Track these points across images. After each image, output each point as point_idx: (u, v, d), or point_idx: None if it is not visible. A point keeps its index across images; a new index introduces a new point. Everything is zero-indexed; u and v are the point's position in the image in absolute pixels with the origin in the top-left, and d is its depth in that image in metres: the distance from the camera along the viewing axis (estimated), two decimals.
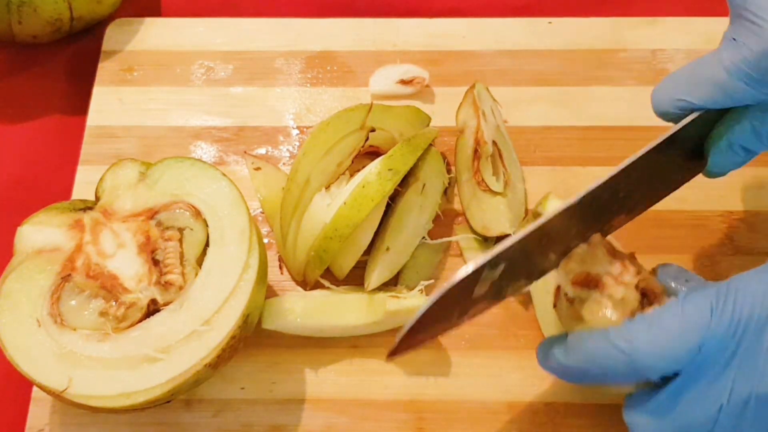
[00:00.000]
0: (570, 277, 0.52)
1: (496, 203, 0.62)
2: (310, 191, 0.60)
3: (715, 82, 0.50)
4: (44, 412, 0.58)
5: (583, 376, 0.50)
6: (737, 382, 0.46)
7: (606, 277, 0.51)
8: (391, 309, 0.57)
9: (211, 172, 0.57)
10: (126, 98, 0.71)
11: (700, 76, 0.51)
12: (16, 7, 0.68)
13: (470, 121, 0.65)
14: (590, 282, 0.51)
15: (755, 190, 0.66)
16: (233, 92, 0.71)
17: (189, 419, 0.58)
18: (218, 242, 0.55)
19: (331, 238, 0.58)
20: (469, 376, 0.59)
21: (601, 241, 0.52)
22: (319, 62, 0.73)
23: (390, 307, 0.57)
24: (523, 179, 0.66)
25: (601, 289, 0.51)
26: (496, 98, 0.68)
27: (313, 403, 0.58)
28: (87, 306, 0.53)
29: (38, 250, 0.54)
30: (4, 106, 0.73)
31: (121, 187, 0.57)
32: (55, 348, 0.52)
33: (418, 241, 0.62)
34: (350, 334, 0.60)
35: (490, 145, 0.63)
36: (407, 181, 0.62)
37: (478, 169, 0.63)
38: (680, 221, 0.64)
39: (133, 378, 0.51)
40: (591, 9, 0.76)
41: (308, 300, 0.59)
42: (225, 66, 0.73)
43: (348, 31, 0.74)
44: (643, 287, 0.51)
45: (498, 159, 0.64)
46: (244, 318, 0.53)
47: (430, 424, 0.58)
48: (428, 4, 0.78)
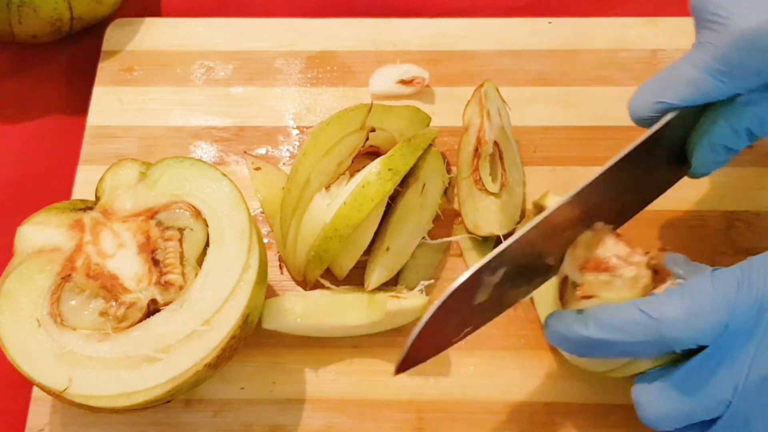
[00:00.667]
0: (578, 263, 0.52)
1: (489, 203, 0.62)
2: (310, 191, 0.60)
3: (687, 80, 0.52)
4: (44, 412, 0.58)
5: (604, 348, 0.50)
6: (756, 360, 0.47)
7: (615, 259, 0.51)
8: (391, 309, 0.57)
9: (211, 172, 0.57)
10: (126, 98, 0.71)
11: (673, 78, 0.53)
12: (16, 7, 0.68)
13: (475, 120, 0.65)
14: (599, 266, 0.51)
15: (755, 190, 0.66)
16: (233, 92, 0.71)
17: (189, 419, 0.58)
18: (218, 242, 0.55)
19: (331, 238, 0.58)
20: (469, 376, 0.59)
21: (605, 227, 0.53)
22: (319, 62, 0.73)
23: (390, 308, 0.57)
24: (523, 183, 0.66)
25: (612, 271, 0.51)
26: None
27: (313, 403, 0.58)
28: (87, 306, 0.53)
29: (38, 250, 0.54)
30: (4, 106, 0.73)
31: (121, 187, 0.57)
32: (55, 348, 0.52)
33: (418, 241, 0.62)
34: (350, 334, 0.60)
35: (490, 145, 0.63)
36: (407, 181, 0.62)
37: (476, 167, 0.64)
38: (680, 221, 0.64)
39: (133, 378, 0.51)
40: (591, 9, 0.76)
41: (308, 300, 0.59)
42: (225, 66, 0.73)
43: (348, 31, 0.74)
44: (653, 264, 0.51)
45: (498, 160, 0.64)
46: (244, 318, 0.53)
47: (430, 423, 0.58)
48: (428, 4, 0.78)
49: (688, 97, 0.52)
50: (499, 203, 0.62)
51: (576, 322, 0.50)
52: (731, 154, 0.55)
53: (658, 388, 0.49)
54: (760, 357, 0.47)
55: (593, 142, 0.68)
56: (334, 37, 0.74)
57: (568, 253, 0.52)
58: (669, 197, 0.63)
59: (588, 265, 0.51)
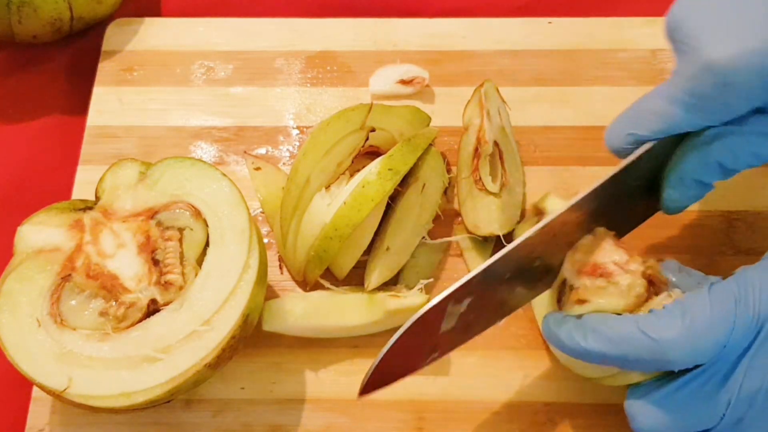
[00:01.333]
0: (576, 267, 0.52)
1: (488, 203, 0.62)
2: (310, 191, 0.60)
3: (656, 111, 0.50)
4: (44, 412, 0.58)
5: (601, 358, 0.50)
6: (748, 376, 0.47)
7: (612, 265, 0.51)
8: (391, 308, 0.57)
9: (211, 172, 0.57)
10: (126, 98, 0.71)
11: (644, 109, 0.51)
12: (16, 7, 0.68)
13: (474, 119, 0.65)
14: (596, 271, 0.51)
15: (755, 190, 0.66)
16: (233, 92, 0.71)
17: (189, 419, 0.58)
18: (218, 242, 0.55)
19: (331, 238, 0.58)
20: (469, 376, 0.59)
21: (606, 232, 0.53)
22: (319, 62, 0.73)
23: (390, 307, 0.57)
24: (523, 183, 0.66)
25: (608, 278, 0.51)
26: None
27: (313, 403, 0.58)
28: (87, 306, 0.53)
29: (38, 250, 0.54)
30: (4, 106, 0.73)
31: (121, 187, 0.57)
32: (55, 348, 0.52)
33: (418, 241, 0.62)
34: (350, 334, 0.60)
35: (490, 144, 0.63)
36: (407, 181, 0.62)
37: (476, 167, 0.64)
38: (680, 221, 0.64)
39: (133, 378, 0.51)
40: (591, 9, 0.76)
41: (308, 301, 0.59)
42: (225, 66, 0.73)
43: (348, 31, 0.74)
44: (649, 274, 0.51)
45: (498, 160, 0.64)
46: (244, 318, 0.53)
47: (430, 423, 0.58)
48: (428, 4, 0.78)
49: (657, 128, 0.50)
50: (499, 203, 0.62)
51: (575, 330, 0.50)
52: (705, 188, 0.53)
53: (652, 403, 0.49)
54: (751, 371, 0.47)
55: (593, 142, 0.68)
56: (334, 37, 0.74)
57: (567, 257, 0.52)
58: None
59: (585, 269, 0.52)
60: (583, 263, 0.52)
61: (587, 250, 0.52)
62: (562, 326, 0.51)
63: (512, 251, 0.50)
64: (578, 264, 0.52)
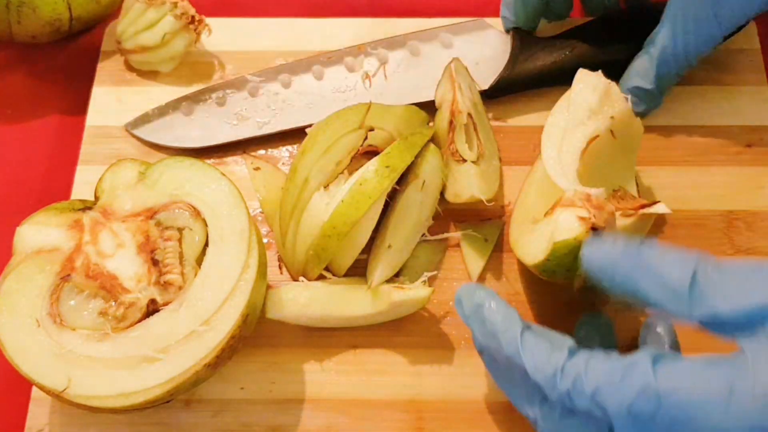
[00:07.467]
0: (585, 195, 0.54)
1: (467, 169, 0.62)
2: (309, 191, 0.60)
3: None
4: (44, 412, 0.58)
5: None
6: None
7: (595, 202, 0.53)
8: (396, 299, 0.57)
9: (211, 172, 0.57)
10: (126, 98, 0.71)
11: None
12: (15, 7, 0.68)
13: (447, 95, 0.65)
14: (587, 199, 0.54)
15: (755, 190, 0.66)
16: None
17: (189, 419, 0.58)
18: (218, 242, 0.55)
19: (330, 236, 0.58)
20: (469, 376, 0.59)
21: (627, 193, 0.59)
22: None
23: (395, 298, 0.57)
24: (498, 157, 0.66)
25: (584, 207, 0.53)
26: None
27: (313, 403, 0.58)
28: (86, 306, 0.53)
29: (37, 250, 0.54)
30: (4, 106, 0.73)
31: (120, 187, 0.57)
32: (54, 348, 0.52)
33: (419, 238, 0.62)
34: (354, 324, 0.59)
35: (464, 114, 0.63)
36: (407, 178, 0.62)
37: (452, 140, 0.63)
38: (680, 221, 0.64)
39: (133, 378, 0.51)
40: None
41: (312, 290, 0.59)
42: (225, 66, 0.73)
43: (348, 31, 0.74)
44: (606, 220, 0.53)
45: (473, 131, 0.64)
46: (243, 318, 0.53)
47: (430, 423, 0.58)
48: (428, 4, 0.78)
49: None
50: (477, 170, 0.62)
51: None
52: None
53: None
54: None
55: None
56: (334, 37, 0.74)
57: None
58: (669, 197, 0.63)
59: (585, 198, 0.53)
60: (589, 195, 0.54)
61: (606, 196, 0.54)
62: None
63: None
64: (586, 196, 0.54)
